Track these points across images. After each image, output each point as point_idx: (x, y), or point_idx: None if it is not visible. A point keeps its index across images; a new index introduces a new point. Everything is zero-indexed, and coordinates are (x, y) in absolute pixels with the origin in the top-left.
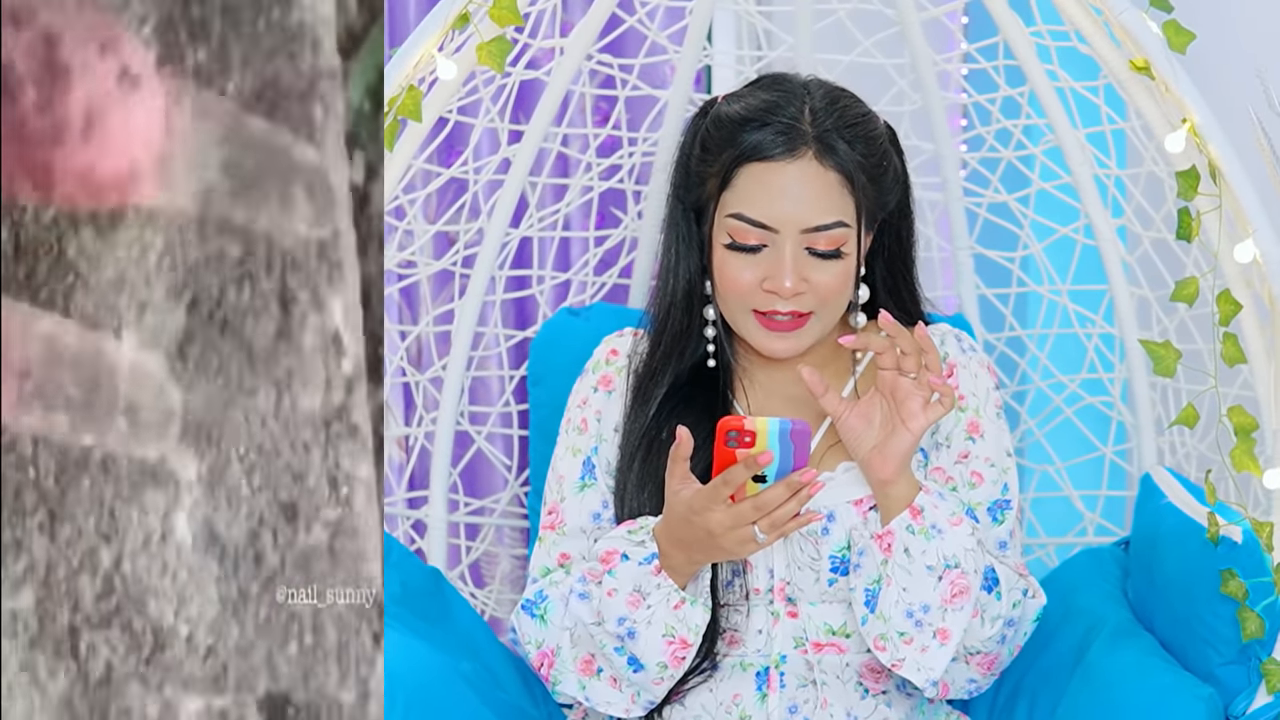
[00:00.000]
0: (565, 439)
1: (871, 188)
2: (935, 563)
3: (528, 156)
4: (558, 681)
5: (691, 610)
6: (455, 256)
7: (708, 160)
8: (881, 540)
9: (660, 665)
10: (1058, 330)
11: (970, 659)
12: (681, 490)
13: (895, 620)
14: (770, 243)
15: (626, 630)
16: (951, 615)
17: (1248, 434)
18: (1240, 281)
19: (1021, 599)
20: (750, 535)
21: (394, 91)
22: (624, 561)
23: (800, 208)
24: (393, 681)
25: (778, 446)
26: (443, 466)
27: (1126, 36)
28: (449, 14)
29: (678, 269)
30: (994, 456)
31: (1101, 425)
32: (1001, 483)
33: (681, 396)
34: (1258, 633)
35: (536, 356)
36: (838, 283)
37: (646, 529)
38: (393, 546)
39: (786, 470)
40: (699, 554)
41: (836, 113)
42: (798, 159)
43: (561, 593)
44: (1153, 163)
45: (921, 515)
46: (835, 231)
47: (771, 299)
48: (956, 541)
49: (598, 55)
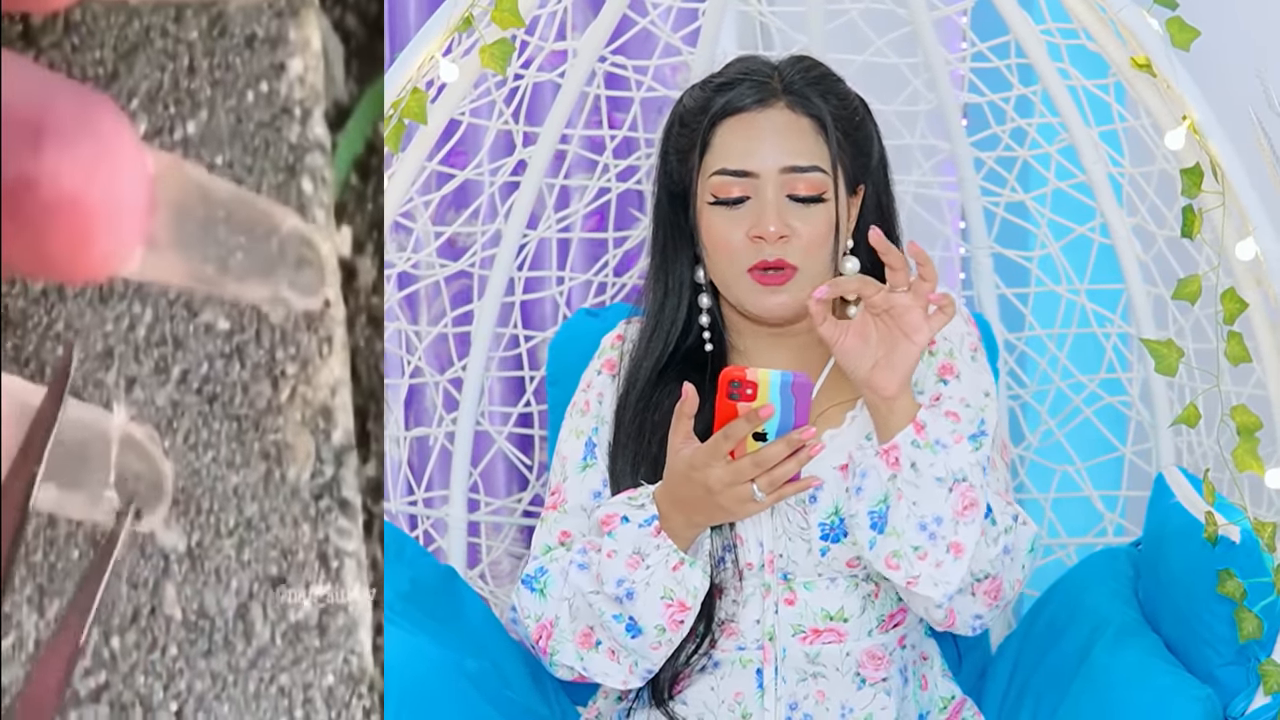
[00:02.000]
0: (569, 421)
1: (846, 142)
2: (944, 475)
3: (543, 158)
4: (555, 652)
5: (690, 571)
6: (473, 258)
7: (685, 134)
8: (888, 455)
9: (659, 628)
10: (1076, 330)
11: (976, 587)
12: (683, 449)
13: (909, 534)
14: (753, 193)
15: (625, 591)
16: (963, 528)
17: (1251, 433)
18: (1250, 280)
19: (1013, 524)
20: (749, 493)
21: (396, 94)
22: (624, 524)
23: (777, 150)
24: (390, 677)
25: (779, 400)
26: (463, 466)
27: (1128, 34)
28: (451, 17)
29: (668, 261)
30: (969, 396)
31: (1121, 425)
32: (978, 419)
33: (676, 378)
34: (1255, 633)
35: (555, 357)
36: (820, 232)
37: (647, 493)
38: (405, 544)
39: (788, 427)
40: (699, 515)
41: (804, 69)
42: (770, 108)
43: (561, 566)
44: (1164, 161)
45: (925, 430)
46: (813, 175)
47: (759, 247)
48: (960, 457)
49: (611, 58)
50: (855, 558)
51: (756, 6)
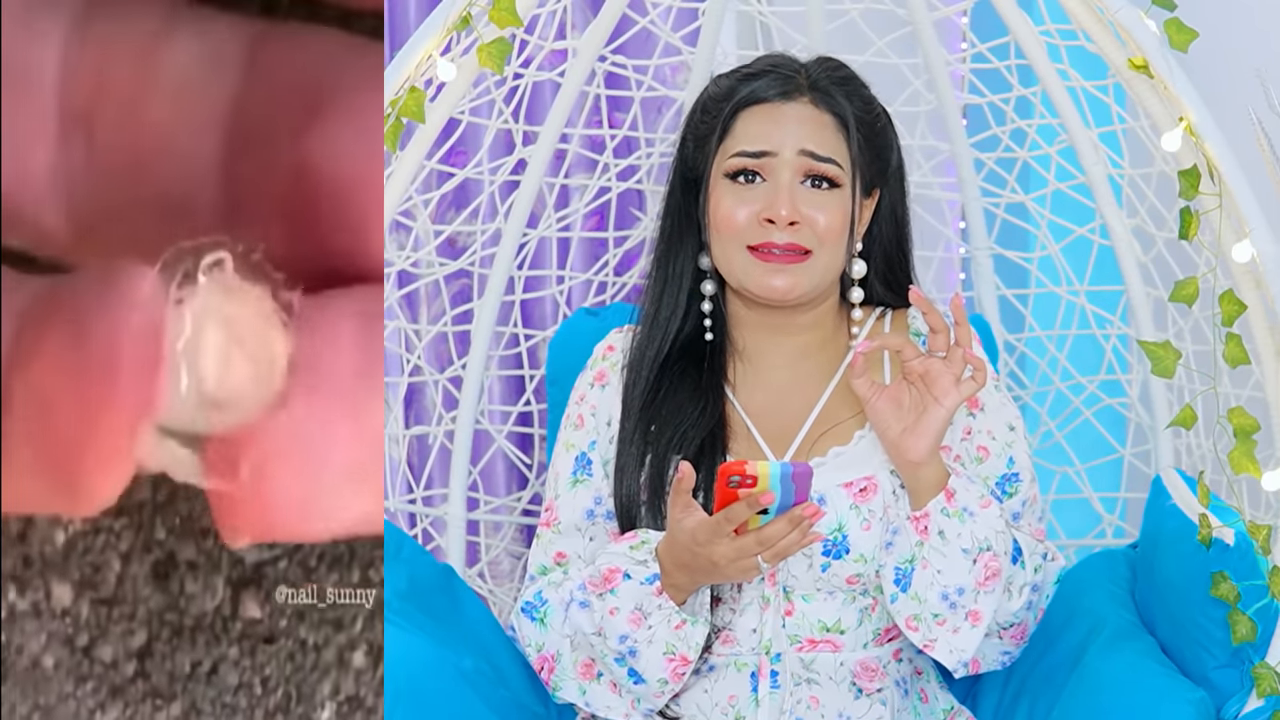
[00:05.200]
0: (562, 434)
1: (866, 145)
2: (970, 545)
3: (543, 157)
4: (558, 687)
5: (693, 629)
6: (473, 257)
7: (707, 121)
8: (917, 522)
9: (661, 681)
10: (1076, 331)
11: (1004, 633)
12: (684, 520)
13: (930, 602)
14: (769, 174)
15: (628, 649)
16: (984, 598)
17: (1248, 435)
18: (1248, 282)
19: (1042, 564)
20: (753, 565)
21: (395, 93)
22: (626, 581)
23: (797, 134)
24: (388, 676)
25: (779, 488)
26: (462, 465)
27: (1126, 35)
28: (449, 16)
29: (674, 247)
30: (995, 429)
31: (1121, 426)
32: (1006, 455)
33: (677, 369)
34: (1249, 636)
35: (554, 356)
36: (835, 221)
37: (649, 546)
38: (404, 542)
39: (788, 505)
40: (702, 577)
41: (831, 69)
42: (793, 101)
43: (561, 598)
44: (1163, 162)
45: (954, 498)
46: (830, 166)
47: (768, 230)
48: (987, 524)
49: (611, 57)
50: (855, 574)
51: (756, 6)
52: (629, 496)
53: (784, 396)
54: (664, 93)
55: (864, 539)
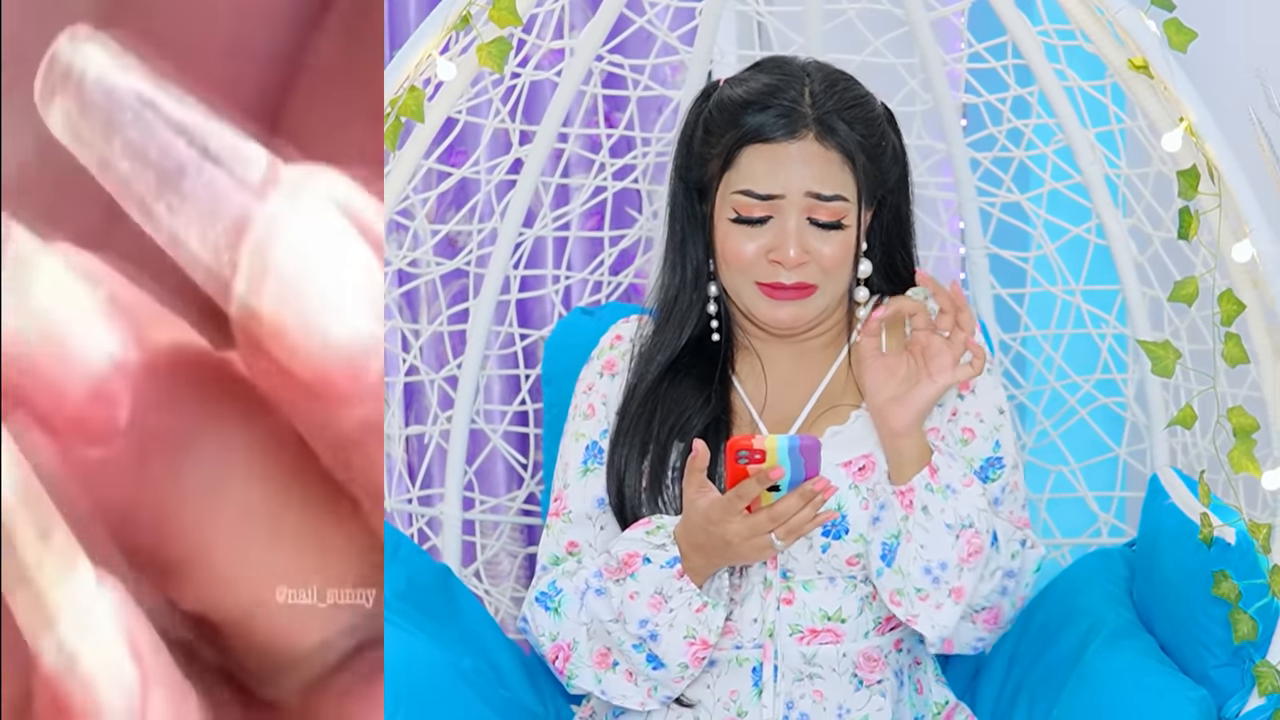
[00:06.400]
0: (571, 424)
1: (871, 167)
2: (953, 521)
3: (540, 156)
4: (573, 676)
5: (713, 613)
6: (469, 256)
7: (710, 142)
8: (903, 497)
9: (681, 665)
10: (1072, 330)
11: (976, 616)
12: (698, 499)
13: (914, 576)
14: (775, 213)
15: (649, 632)
16: (966, 573)
17: (1247, 434)
18: (1246, 281)
19: (1019, 550)
20: (767, 543)
21: (394, 92)
22: (645, 565)
23: (802, 175)
24: (386, 676)
25: (788, 462)
26: (458, 464)
27: (1126, 35)
28: (449, 16)
29: (684, 247)
30: (984, 412)
31: (1116, 426)
32: (993, 439)
33: (681, 367)
34: (1250, 635)
35: (551, 356)
36: (840, 254)
37: (666, 530)
38: (401, 543)
39: (799, 480)
40: (718, 558)
41: (836, 95)
42: (799, 140)
43: (576, 586)
44: (1161, 162)
45: (938, 474)
46: (836, 204)
47: (775, 269)
48: (969, 502)
49: (608, 56)
50: (855, 555)
51: (754, 6)
52: (629, 486)
53: (786, 384)
54: (661, 92)
55: (863, 518)
